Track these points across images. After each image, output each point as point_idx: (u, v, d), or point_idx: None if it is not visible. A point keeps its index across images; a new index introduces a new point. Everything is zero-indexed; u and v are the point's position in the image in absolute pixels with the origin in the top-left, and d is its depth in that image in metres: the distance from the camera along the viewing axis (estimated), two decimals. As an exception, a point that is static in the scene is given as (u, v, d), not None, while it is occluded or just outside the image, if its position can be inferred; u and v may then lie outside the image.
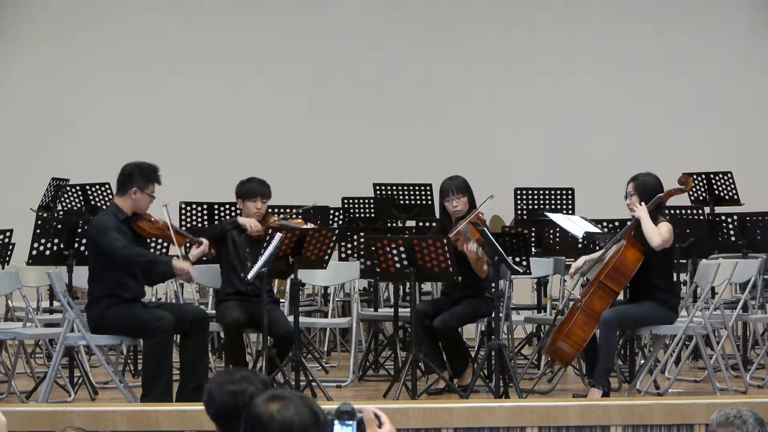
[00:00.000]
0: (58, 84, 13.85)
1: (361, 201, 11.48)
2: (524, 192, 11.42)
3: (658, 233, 8.19)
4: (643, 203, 8.30)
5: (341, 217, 11.34)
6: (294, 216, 9.34)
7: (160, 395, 7.87)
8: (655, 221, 8.29)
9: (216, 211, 10.55)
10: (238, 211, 9.25)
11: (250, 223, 8.76)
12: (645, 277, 8.33)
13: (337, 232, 8.91)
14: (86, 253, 8.66)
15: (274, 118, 13.96)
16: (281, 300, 9.58)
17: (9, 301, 9.93)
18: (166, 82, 13.92)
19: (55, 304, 10.13)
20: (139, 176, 8.10)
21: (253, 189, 8.87)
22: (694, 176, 11.66)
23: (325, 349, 11.07)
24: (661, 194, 8.37)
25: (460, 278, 8.50)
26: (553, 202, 11.40)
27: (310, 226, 8.87)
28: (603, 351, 8.19)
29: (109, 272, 8.00)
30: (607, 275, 8.28)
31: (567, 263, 9.26)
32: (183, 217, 10.51)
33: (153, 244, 9.22)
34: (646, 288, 8.38)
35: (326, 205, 10.92)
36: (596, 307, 8.27)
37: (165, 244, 9.27)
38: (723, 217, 10.13)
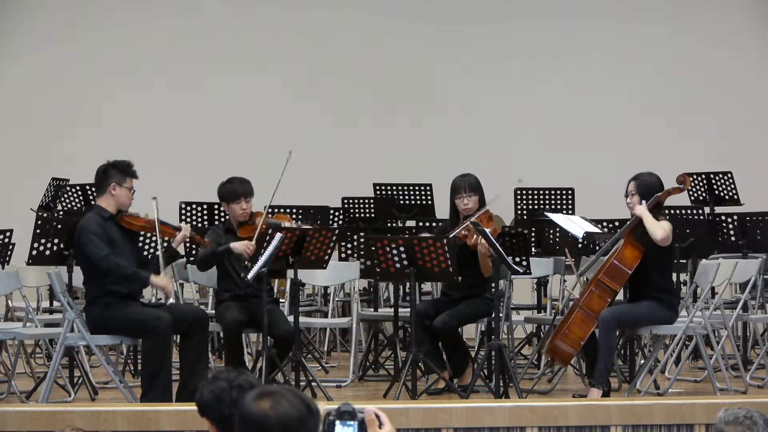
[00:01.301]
0: (58, 84, 13.85)
1: (361, 201, 11.48)
2: (524, 192, 11.41)
3: (660, 227, 8.19)
4: (643, 202, 8.31)
5: (341, 217, 11.34)
6: (280, 213, 9.33)
7: (160, 395, 7.87)
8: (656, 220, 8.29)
9: (216, 211, 10.55)
10: (225, 216, 9.17)
11: (246, 250, 8.52)
12: (645, 276, 8.33)
13: (337, 232, 8.90)
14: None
15: (274, 118, 13.96)
16: (281, 300, 9.58)
17: (9, 301, 9.93)
18: (166, 82, 13.92)
19: (55, 304, 10.13)
20: (115, 172, 8.13)
21: (235, 190, 8.76)
22: (694, 176, 11.66)
23: (325, 349, 11.08)
24: (660, 193, 8.38)
25: (460, 278, 8.50)
26: (553, 202, 11.40)
27: (292, 224, 8.82)
28: (602, 351, 8.19)
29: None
30: (605, 273, 8.28)
31: (567, 263, 9.26)
32: (183, 217, 10.50)
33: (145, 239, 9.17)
34: (645, 287, 8.38)
35: (326, 205, 10.92)
36: (594, 305, 8.27)
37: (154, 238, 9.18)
38: (723, 217, 10.13)
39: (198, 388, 3.99)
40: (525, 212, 11.39)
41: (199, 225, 10.51)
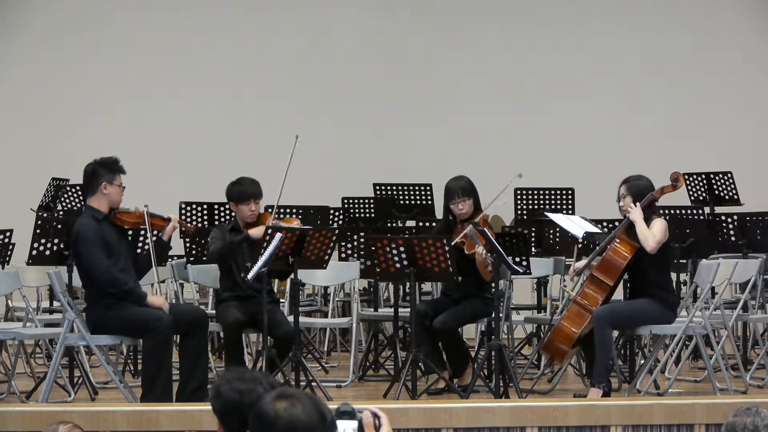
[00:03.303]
0: (58, 84, 13.85)
1: (361, 201, 11.47)
2: (524, 192, 11.41)
3: (652, 236, 8.20)
4: (637, 203, 8.31)
5: (341, 217, 11.33)
6: (290, 217, 9.32)
7: (160, 395, 7.86)
8: (649, 219, 8.29)
9: (216, 211, 10.55)
10: (233, 213, 9.17)
11: (259, 233, 8.43)
12: (642, 274, 8.34)
13: (337, 232, 8.89)
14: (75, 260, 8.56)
15: (274, 118, 13.95)
16: (281, 300, 9.58)
17: (9, 301, 9.93)
18: (166, 81, 13.92)
19: (55, 304, 10.13)
20: (104, 171, 8.08)
21: (245, 192, 8.72)
22: (694, 176, 11.67)
23: (325, 349, 11.07)
24: (654, 192, 8.38)
25: (460, 278, 8.50)
26: (553, 202, 11.40)
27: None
28: (600, 349, 8.18)
29: None
30: (598, 268, 8.30)
31: (567, 263, 9.25)
32: (183, 218, 10.50)
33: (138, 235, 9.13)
34: (643, 285, 8.38)
35: (326, 205, 10.91)
36: (588, 301, 8.27)
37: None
38: (723, 217, 10.13)
39: (215, 387, 3.94)
40: (525, 212, 11.39)
41: (199, 225, 10.50)
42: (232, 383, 3.90)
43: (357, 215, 11.43)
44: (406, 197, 11.74)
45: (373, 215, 11.44)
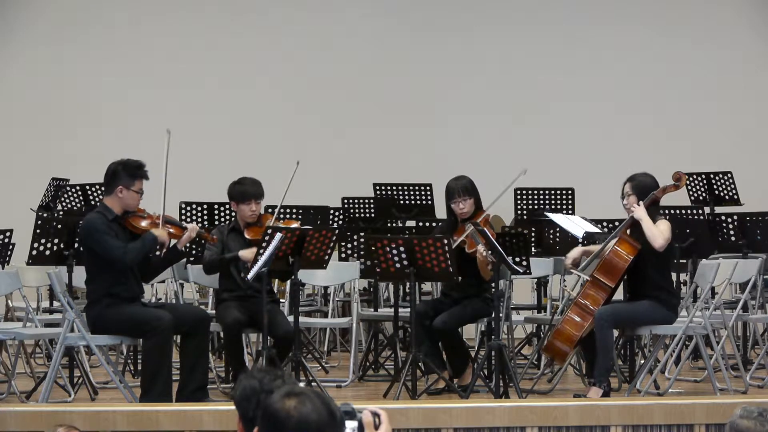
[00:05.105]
0: (59, 84, 13.85)
1: (361, 201, 11.47)
2: (524, 192, 11.41)
3: (660, 233, 8.19)
4: (640, 202, 8.31)
5: (341, 217, 11.34)
6: (290, 219, 9.32)
7: (159, 395, 7.86)
8: (653, 220, 8.29)
9: (216, 211, 10.55)
10: (233, 213, 9.16)
11: (253, 257, 8.34)
12: (643, 275, 8.33)
13: (337, 232, 8.88)
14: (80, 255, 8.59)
15: (274, 118, 13.96)
16: (281, 300, 9.57)
17: (9, 301, 9.93)
18: (167, 81, 13.92)
19: (55, 304, 10.13)
20: (123, 174, 8.05)
21: (246, 191, 8.72)
22: (694, 176, 11.67)
23: (325, 349, 11.08)
24: (656, 191, 8.38)
25: (460, 278, 8.49)
26: (553, 202, 11.40)
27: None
28: (600, 349, 8.19)
29: (106, 273, 7.98)
30: (599, 269, 8.30)
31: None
32: (183, 218, 10.50)
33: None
34: (644, 286, 8.38)
35: (326, 205, 10.91)
36: (589, 302, 8.27)
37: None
38: (723, 217, 10.13)
39: (239, 379, 4.01)
40: (525, 212, 11.39)
41: (199, 225, 10.50)
42: (254, 373, 3.98)
43: (357, 215, 11.43)
44: (406, 197, 11.74)
45: (373, 215, 11.44)
